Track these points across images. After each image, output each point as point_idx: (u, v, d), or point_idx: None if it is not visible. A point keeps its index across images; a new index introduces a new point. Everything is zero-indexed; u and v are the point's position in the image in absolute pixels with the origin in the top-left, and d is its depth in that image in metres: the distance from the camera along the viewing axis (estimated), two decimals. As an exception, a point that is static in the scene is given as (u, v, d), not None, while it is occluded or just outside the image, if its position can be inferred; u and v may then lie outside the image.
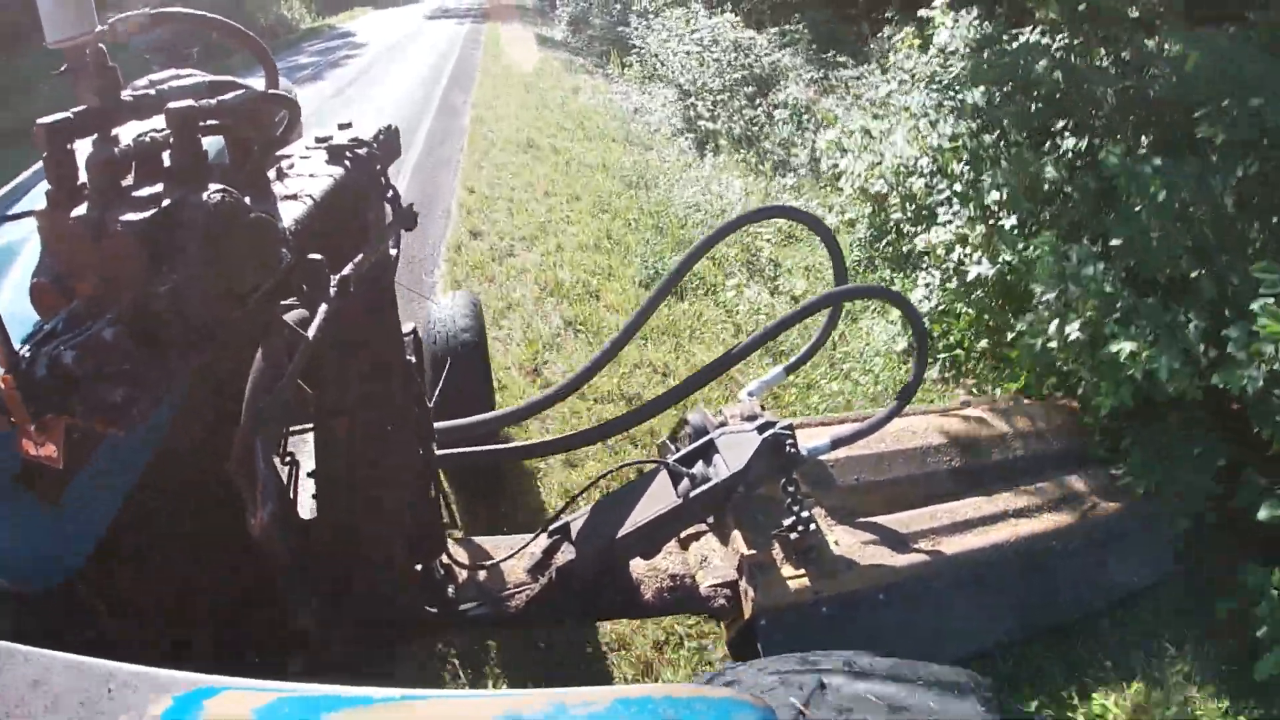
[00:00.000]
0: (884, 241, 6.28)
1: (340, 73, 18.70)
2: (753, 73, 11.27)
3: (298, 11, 30.79)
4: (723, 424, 2.96)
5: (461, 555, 2.75)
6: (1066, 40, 5.38)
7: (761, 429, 2.66)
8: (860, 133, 6.60)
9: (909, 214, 5.81)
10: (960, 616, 2.93)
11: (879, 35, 10.19)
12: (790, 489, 2.77)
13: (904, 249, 5.97)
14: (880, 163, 6.13)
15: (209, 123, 1.39)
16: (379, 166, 1.89)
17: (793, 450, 2.68)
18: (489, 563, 2.73)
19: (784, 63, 11.32)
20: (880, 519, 2.99)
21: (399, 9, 38.15)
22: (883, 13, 10.89)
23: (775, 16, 13.11)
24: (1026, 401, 3.86)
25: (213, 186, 1.26)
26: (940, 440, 3.30)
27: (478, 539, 2.93)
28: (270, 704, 0.82)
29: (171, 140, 1.29)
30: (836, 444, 2.91)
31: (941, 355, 4.88)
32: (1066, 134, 4.82)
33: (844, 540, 2.87)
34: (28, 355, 1.07)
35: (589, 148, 10.86)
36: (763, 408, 3.16)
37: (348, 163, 1.77)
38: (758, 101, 10.69)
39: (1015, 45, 5.49)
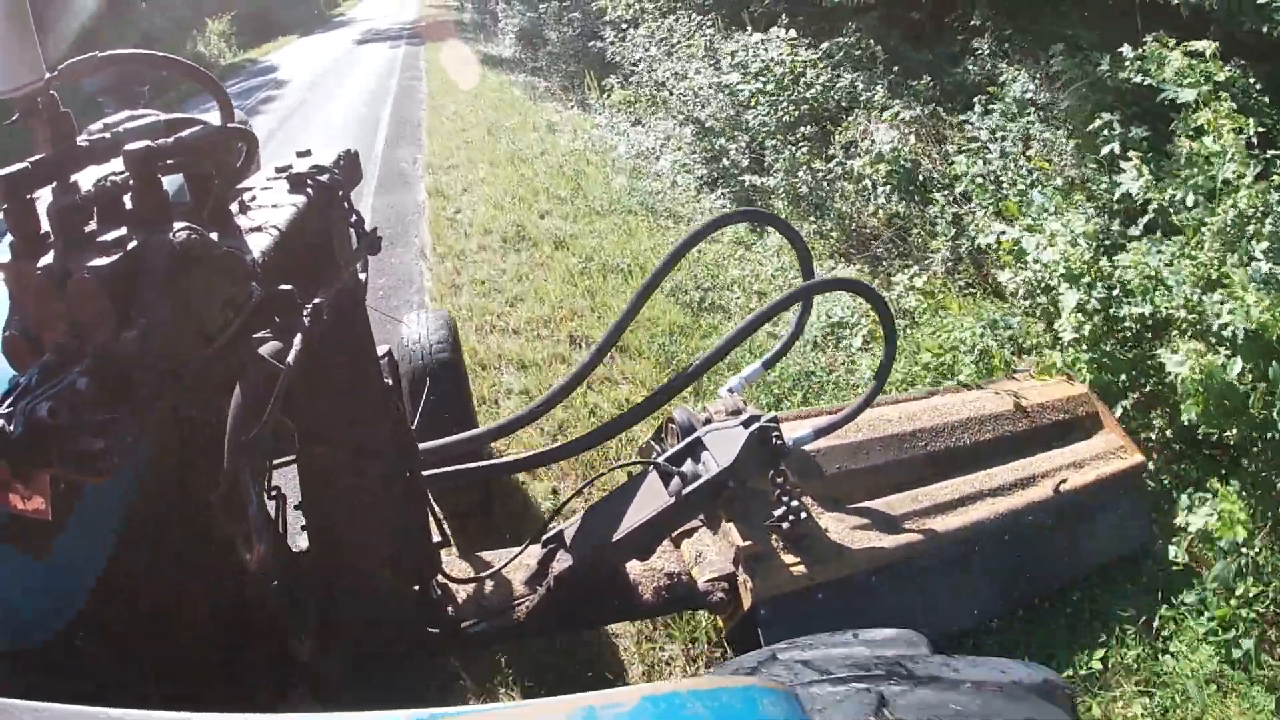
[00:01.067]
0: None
1: (256, 123, 13.91)
2: (814, 107, 7.81)
3: (216, 47, 27.88)
4: (708, 420, 2.97)
5: (457, 572, 2.74)
6: None
7: (747, 423, 2.68)
8: (1089, 245, 4.19)
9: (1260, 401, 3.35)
10: (948, 594, 2.99)
11: (975, 52, 7.37)
12: (779, 480, 2.79)
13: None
14: (1131, 292, 3.94)
15: (168, 162, 1.38)
16: (341, 192, 1.89)
17: (779, 442, 2.71)
18: (485, 576, 2.72)
19: (858, 93, 7.75)
20: (865, 505, 3.03)
21: (328, 34, 33.96)
22: (964, 20, 8.00)
23: (814, 29, 9.40)
24: (990, 385, 3.92)
25: (177, 226, 1.25)
26: (914, 427, 3.36)
27: (472, 555, 2.92)
28: None
29: (132, 182, 1.28)
30: (819, 433, 2.94)
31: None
32: None
33: (832, 527, 2.90)
34: (4, 413, 1.06)
35: (603, 229, 7.59)
36: (745, 402, 3.18)
37: (310, 190, 1.77)
38: (830, 152, 7.33)
39: None
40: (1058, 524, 3.22)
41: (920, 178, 6.45)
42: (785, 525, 2.76)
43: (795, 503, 2.77)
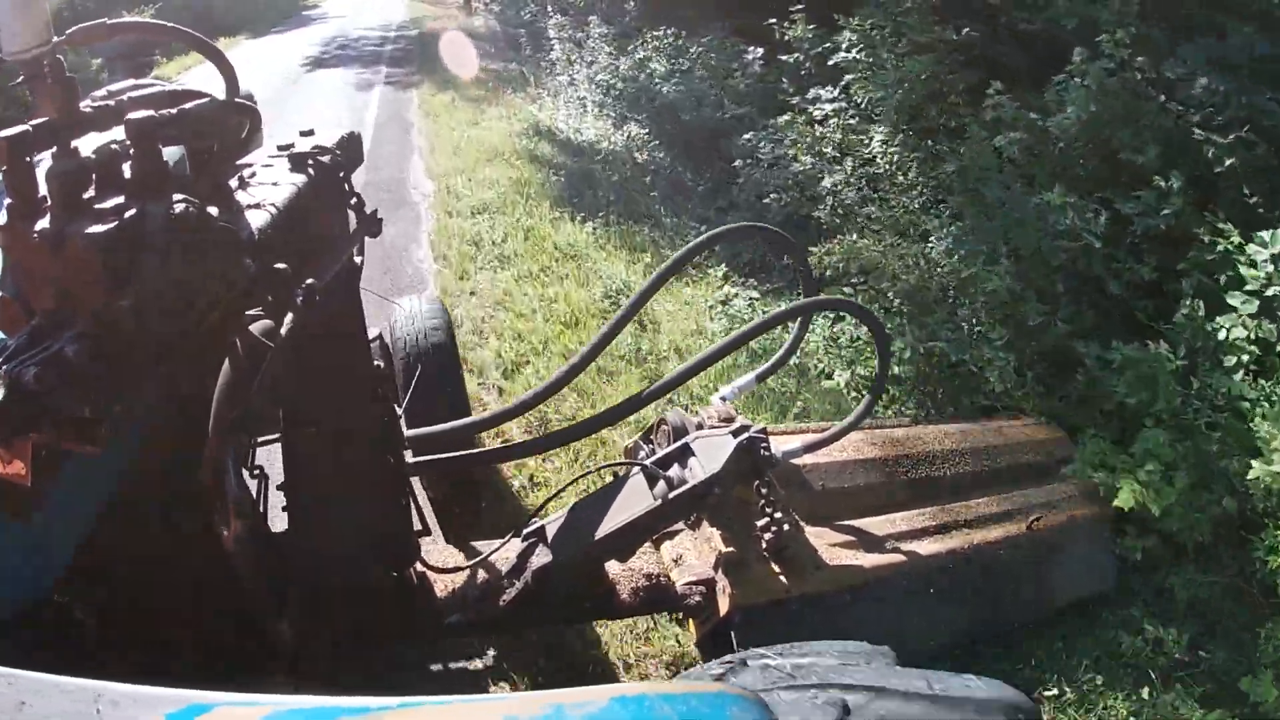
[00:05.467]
0: None
1: None
2: None
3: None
4: (699, 425, 2.98)
5: (437, 561, 2.74)
6: None
7: (736, 433, 2.69)
8: None
9: None
10: (918, 618, 3.02)
11: None
12: (764, 491, 2.80)
13: None
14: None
15: (170, 133, 1.38)
16: (342, 173, 1.89)
17: (766, 453, 2.71)
18: (463, 568, 2.72)
19: None
20: (844, 524, 3.06)
21: (286, 34, 24.44)
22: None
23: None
24: (973, 421, 3.97)
25: (175, 197, 1.25)
26: (897, 452, 3.40)
27: (454, 545, 2.91)
28: (266, 718, 0.80)
29: (132, 151, 1.28)
30: (809, 448, 2.96)
31: None
32: None
33: (813, 542, 2.91)
34: None
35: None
36: (736, 411, 3.19)
37: (310, 170, 1.77)
38: None
39: None
40: (1028, 560, 3.27)
41: None
42: (768, 536, 2.77)
43: (779, 514, 2.77)
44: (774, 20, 7.59)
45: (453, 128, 11.26)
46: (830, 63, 6.57)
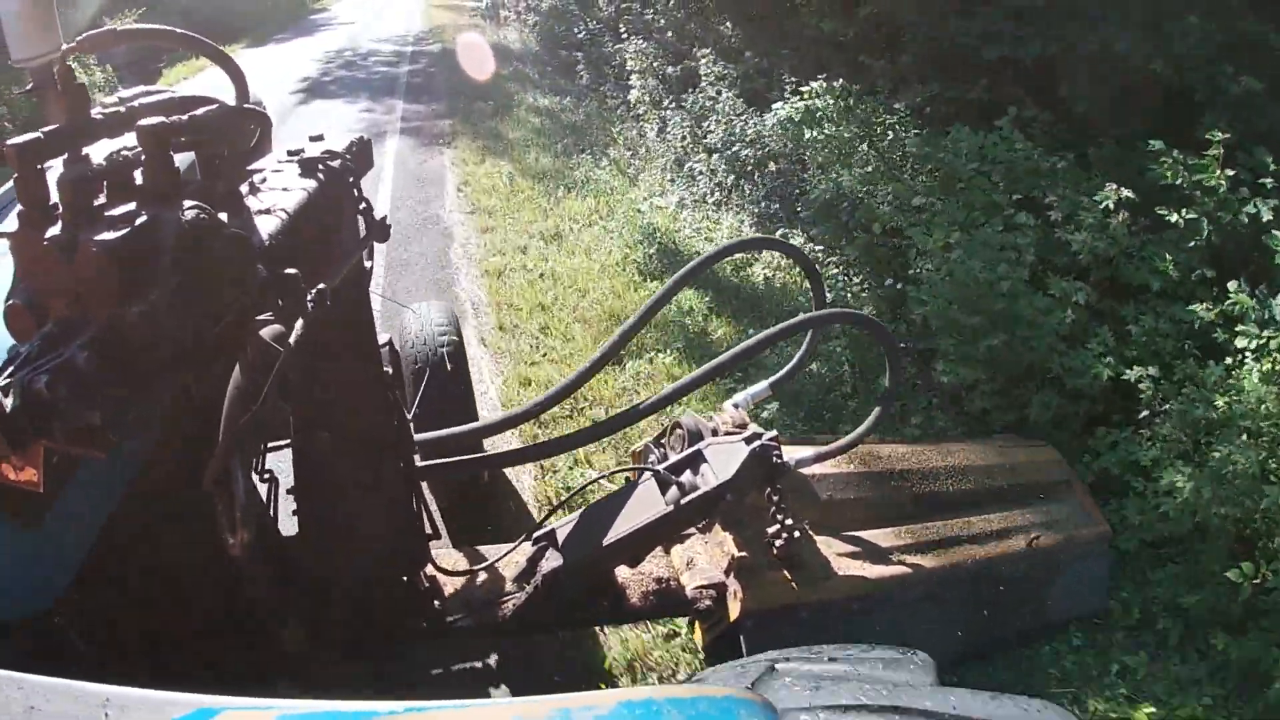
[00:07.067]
0: None
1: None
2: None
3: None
4: (714, 431, 2.99)
5: (447, 565, 2.73)
6: None
7: (749, 440, 2.68)
8: None
9: None
10: (920, 629, 3.02)
11: None
12: (775, 498, 2.79)
13: None
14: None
15: (180, 139, 1.38)
16: (352, 179, 1.89)
17: (778, 461, 2.71)
18: (474, 571, 2.72)
19: None
20: (850, 535, 3.07)
21: (289, 44, 21.41)
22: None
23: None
24: (976, 440, 4.01)
25: (187, 204, 1.25)
26: (903, 466, 3.43)
27: (464, 549, 2.91)
28: None
29: (143, 158, 1.28)
30: (820, 457, 2.96)
31: None
32: None
33: (822, 551, 2.92)
34: (2, 383, 1.06)
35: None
36: (749, 418, 3.19)
37: (321, 175, 1.77)
38: None
39: None
40: (1026, 578, 3.30)
41: None
42: (779, 542, 2.76)
43: (789, 521, 2.77)
44: (1159, 144, 4.04)
45: (521, 247, 6.94)
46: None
